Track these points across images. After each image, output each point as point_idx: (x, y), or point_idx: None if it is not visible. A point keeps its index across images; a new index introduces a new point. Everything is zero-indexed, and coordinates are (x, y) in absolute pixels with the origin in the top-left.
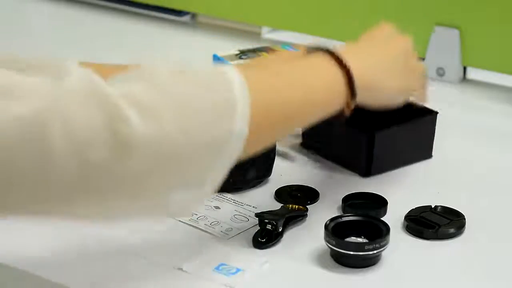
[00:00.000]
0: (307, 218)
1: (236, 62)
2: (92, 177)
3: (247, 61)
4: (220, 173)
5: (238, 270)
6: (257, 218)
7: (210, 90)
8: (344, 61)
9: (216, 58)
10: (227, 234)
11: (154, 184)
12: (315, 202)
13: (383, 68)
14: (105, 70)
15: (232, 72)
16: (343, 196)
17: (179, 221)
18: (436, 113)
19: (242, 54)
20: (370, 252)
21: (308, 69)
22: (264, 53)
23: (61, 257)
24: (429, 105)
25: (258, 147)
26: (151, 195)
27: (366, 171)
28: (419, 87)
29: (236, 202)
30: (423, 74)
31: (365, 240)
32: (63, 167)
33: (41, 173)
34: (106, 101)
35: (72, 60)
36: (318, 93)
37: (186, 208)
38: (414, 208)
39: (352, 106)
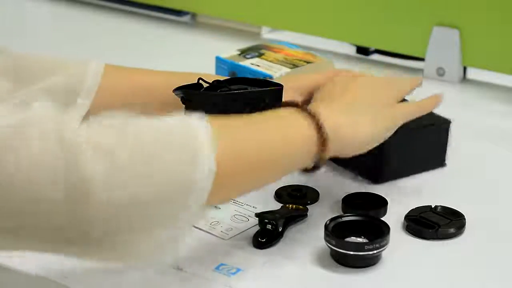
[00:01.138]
0: (307, 218)
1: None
2: (42, 214)
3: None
4: (195, 213)
5: (238, 270)
6: (257, 218)
7: (172, 133)
8: (309, 109)
9: (219, 60)
10: (227, 234)
11: (116, 227)
12: (315, 202)
13: (352, 112)
14: (136, 74)
15: (195, 119)
16: (343, 196)
17: None
18: (449, 121)
19: (243, 53)
20: (370, 252)
21: (277, 119)
22: (263, 51)
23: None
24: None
25: (232, 194)
26: (113, 237)
27: (376, 178)
28: (405, 109)
29: (236, 202)
30: (406, 88)
31: (365, 240)
32: (14, 195)
33: None
34: (64, 138)
35: (97, 62)
36: (289, 142)
37: (159, 250)
38: (414, 208)
39: (326, 157)
